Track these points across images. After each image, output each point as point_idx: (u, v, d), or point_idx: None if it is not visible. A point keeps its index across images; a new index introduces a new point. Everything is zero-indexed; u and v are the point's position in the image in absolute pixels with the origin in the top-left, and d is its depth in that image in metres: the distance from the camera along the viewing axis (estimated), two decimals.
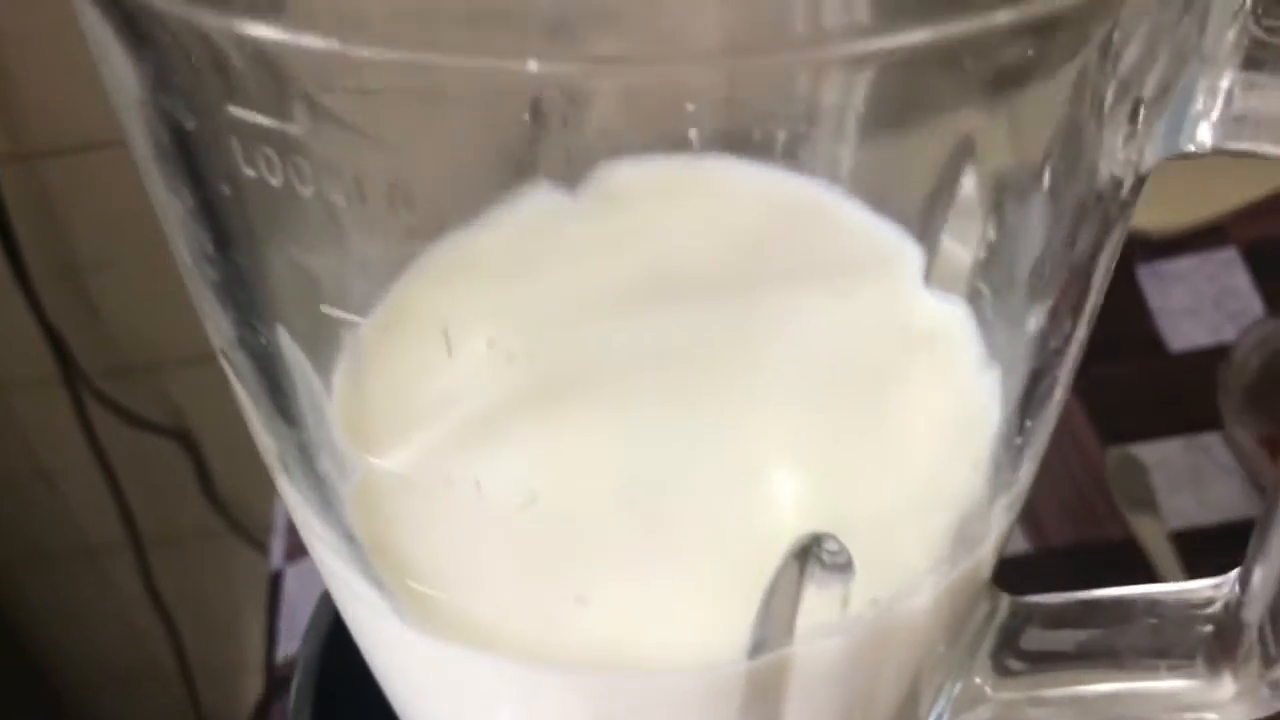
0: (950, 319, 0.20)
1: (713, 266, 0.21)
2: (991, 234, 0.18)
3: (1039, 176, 0.16)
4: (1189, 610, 0.22)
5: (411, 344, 0.19)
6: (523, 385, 0.19)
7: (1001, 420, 0.20)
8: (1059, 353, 0.19)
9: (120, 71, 0.15)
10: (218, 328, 0.19)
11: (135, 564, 0.83)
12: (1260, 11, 0.16)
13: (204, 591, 0.85)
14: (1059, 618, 0.23)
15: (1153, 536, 0.42)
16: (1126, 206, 0.17)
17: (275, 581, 0.53)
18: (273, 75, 0.13)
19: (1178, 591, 0.22)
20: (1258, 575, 0.20)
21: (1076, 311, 0.18)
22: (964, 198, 0.19)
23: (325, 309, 0.16)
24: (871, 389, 0.20)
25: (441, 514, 0.20)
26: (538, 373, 0.19)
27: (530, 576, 0.19)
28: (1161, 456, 0.49)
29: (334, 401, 0.20)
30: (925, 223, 0.20)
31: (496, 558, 0.20)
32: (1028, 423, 0.20)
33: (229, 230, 0.16)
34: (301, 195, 0.14)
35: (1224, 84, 0.16)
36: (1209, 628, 0.21)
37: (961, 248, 0.20)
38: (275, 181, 0.14)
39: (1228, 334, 0.52)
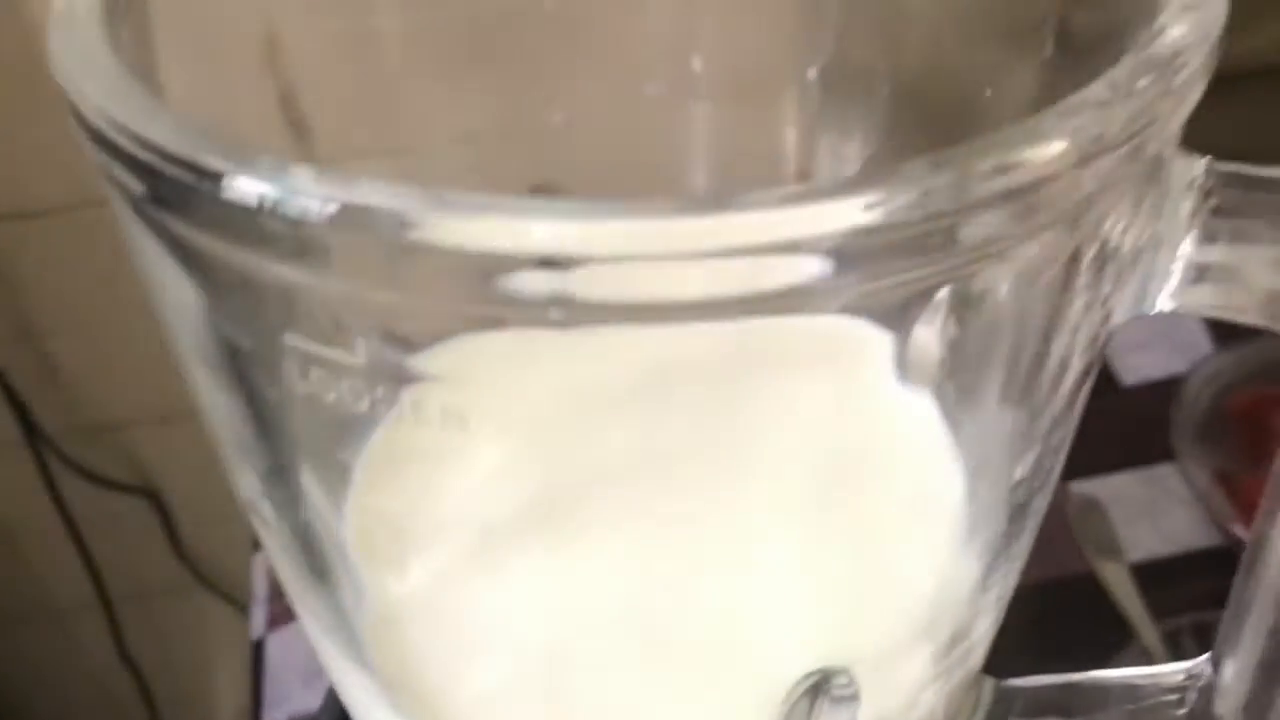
0: (927, 416, 0.22)
1: (697, 370, 0.22)
2: (953, 330, 0.20)
3: (1007, 326, 0.18)
4: (1164, 696, 0.23)
5: (415, 469, 0.20)
6: (526, 508, 0.20)
7: (990, 521, 0.21)
8: (1036, 475, 0.20)
9: (174, 293, 0.16)
10: (245, 483, 0.20)
11: (105, 625, 0.83)
12: (1213, 185, 0.17)
13: (176, 650, 0.85)
14: (1040, 704, 0.24)
15: (1117, 580, 0.44)
16: (1095, 354, 0.18)
17: (258, 650, 0.54)
18: (331, 311, 0.14)
19: (1153, 675, 0.24)
20: (1229, 669, 0.21)
21: (1048, 439, 0.20)
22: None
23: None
24: (862, 493, 0.22)
25: (450, 641, 0.21)
26: (540, 494, 0.20)
27: (535, 705, 0.20)
28: (1118, 490, 0.51)
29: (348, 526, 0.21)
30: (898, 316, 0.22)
31: (505, 685, 0.21)
32: (1012, 524, 0.21)
33: (271, 425, 0.17)
34: (356, 411, 0.15)
35: (1182, 253, 0.17)
36: (1182, 712, 0.23)
37: (935, 341, 0.21)
38: (330, 398, 0.15)
39: (1178, 366, 0.53)
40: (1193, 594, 0.46)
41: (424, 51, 0.26)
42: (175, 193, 0.14)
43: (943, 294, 0.15)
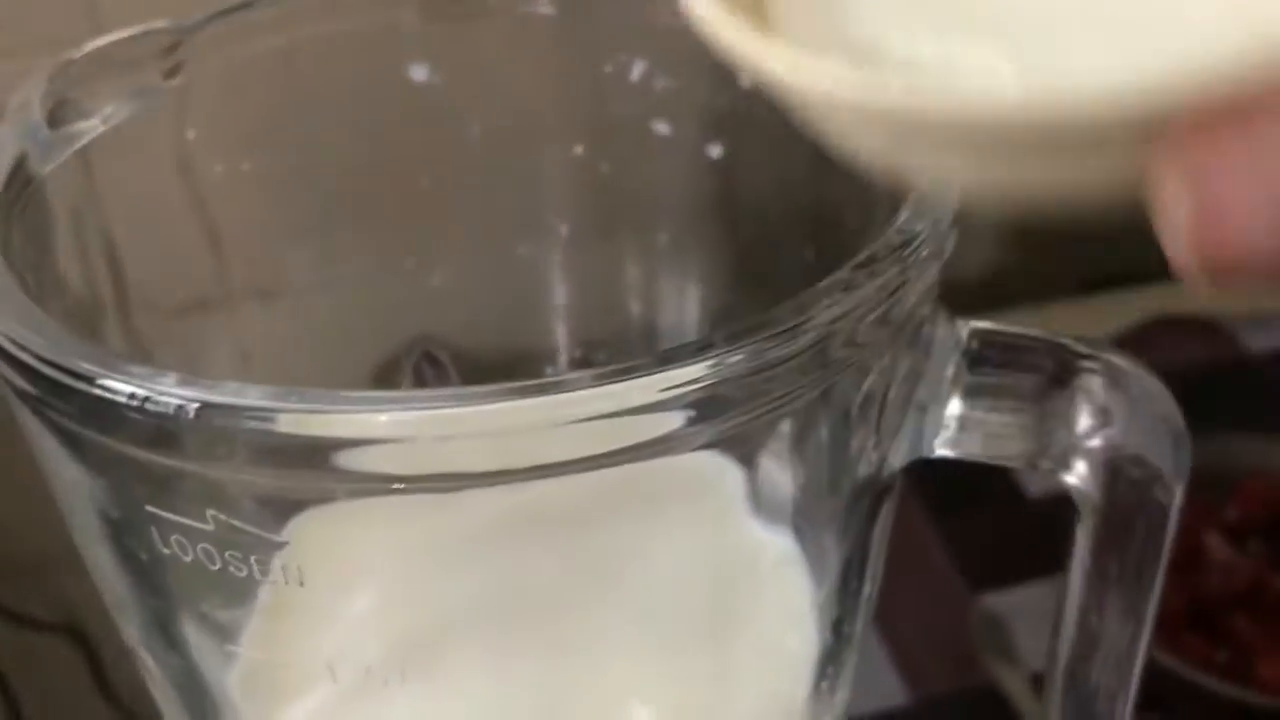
0: (778, 548, 0.24)
1: (554, 515, 0.24)
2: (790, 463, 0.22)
3: (803, 462, 0.20)
4: None
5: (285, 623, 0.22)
6: (387, 653, 0.22)
7: (825, 646, 0.23)
8: (855, 595, 0.23)
9: (53, 462, 0.18)
10: (128, 633, 0.22)
11: None
12: (976, 346, 0.20)
13: None
14: None
15: (1013, 682, 0.46)
16: (886, 492, 0.21)
17: None
18: (183, 487, 0.16)
19: None
20: None
21: (861, 564, 0.22)
22: None
23: (229, 647, 0.19)
24: (716, 623, 0.24)
25: None
26: (400, 640, 0.22)
27: None
28: (1025, 601, 0.52)
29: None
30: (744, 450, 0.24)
31: None
32: (843, 652, 0.24)
33: (147, 583, 0.19)
34: (209, 569, 0.17)
35: (949, 410, 0.20)
36: None
37: (780, 474, 0.23)
38: (187, 559, 0.17)
39: None
40: None
41: (305, 208, 0.29)
42: (55, 391, 0.16)
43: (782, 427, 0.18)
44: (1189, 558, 0.46)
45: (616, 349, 0.30)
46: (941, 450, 0.21)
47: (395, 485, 0.16)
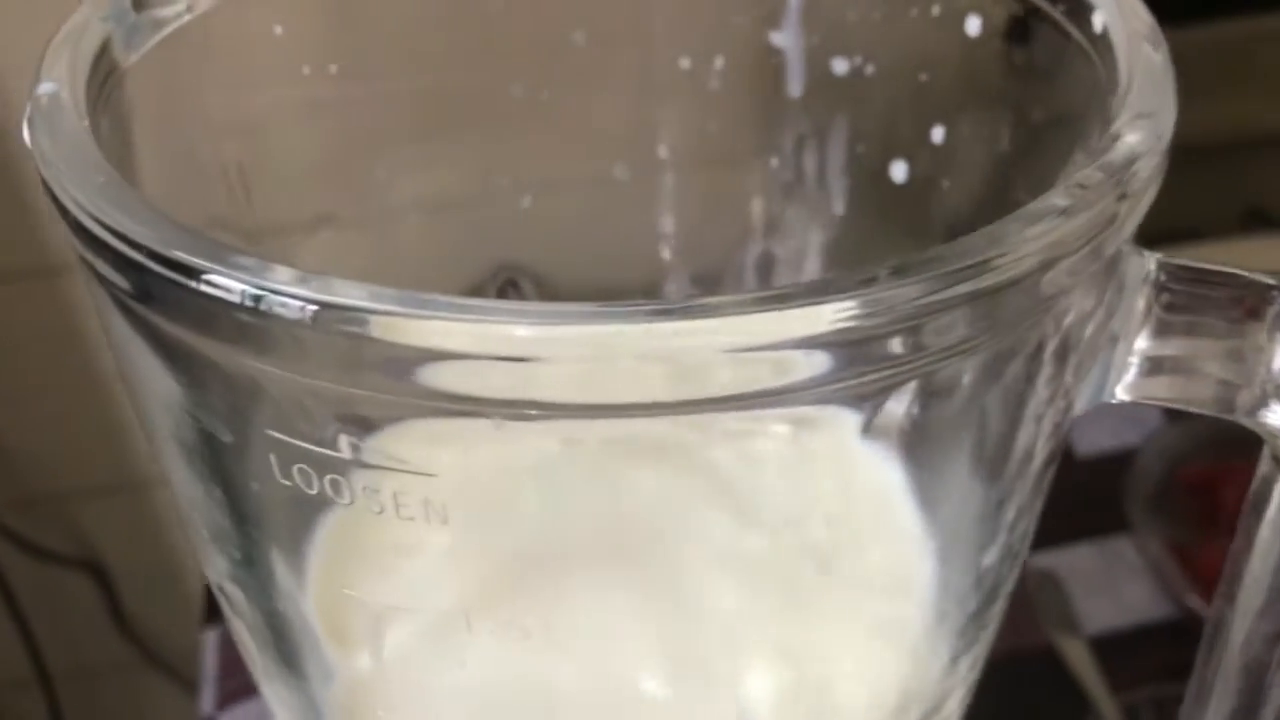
0: (898, 492, 0.22)
1: (660, 446, 0.22)
2: (920, 415, 0.20)
3: (973, 415, 0.18)
4: None
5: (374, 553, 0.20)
6: (484, 586, 0.20)
7: (960, 606, 0.21)
8: (1004, 560, 0.21)
9: (151, 380, 0.16)
10: (214, 567, 0.20)
11: (44, 703, 0.81)
12: (1164, 280, 0.18)
13: None
14: None
15: (1075, 654, 0.45)
16: (1059, 443, 0.19)
17: None
18: (314, 408, 0.14)
19: None
20: None
21: (1015, 525, 0.20)
22: None
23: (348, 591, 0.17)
24: (831, 567, 0.22)
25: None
26: (508, 562, 0.20)
27: None
28: (1074, 562, 0.51)
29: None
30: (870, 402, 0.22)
31: None
32: (981, 608, 0.22)
33: (250, 515, 0.17)
34: (338, 503, 0.15)
35: (1138, 347, 0.18)
36: None
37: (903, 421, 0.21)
38: (311, 491, 0.15)
39: (1131, 438, 0.54)
40: (1150, 667, 0.47)
41: (389, 120, 0.26)
42: (160, 289, 0.14)
43: (910, 385, 0.16)
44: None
45: (722, 292, 0.28)
46: (1123, 395, 0.18)
47: (532, 412, 0.14)
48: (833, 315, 0.13)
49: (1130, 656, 0.47)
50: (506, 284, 0.28)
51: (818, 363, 0.14)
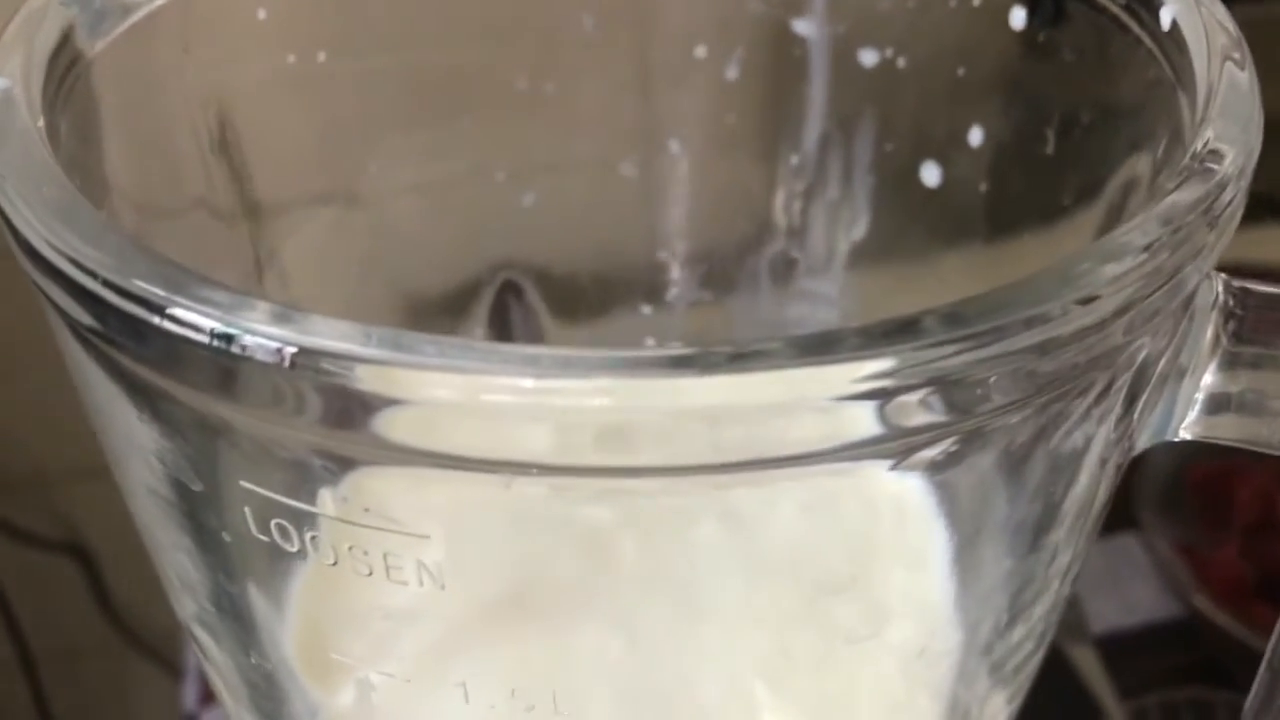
0: (934, 537, 0.20)
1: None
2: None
3: (1026, 465, 0.17)
4: None
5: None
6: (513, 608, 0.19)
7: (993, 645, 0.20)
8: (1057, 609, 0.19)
9: (112, 415, 0.14)
10: (181, 606, 0.18)
11: (27, 686, 0.79)
12: (1231, 306, 0.16)
13: (100, 710, 0.82)
14: None
15: (1084, 661, 0.44)
16: (1114, 479, 0.17)
17: None
18: (292, 459, 0.13)
19: None
20: None
21: (1064, 577, 0.18)
22: None
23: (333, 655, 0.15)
24: (852, 584, 0.20)
25: None
26: (511, 627, 0.19)
27: None
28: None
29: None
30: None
31: None
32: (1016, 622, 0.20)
33: (224, 567, 0.15)
34: (321, 563, 0.13)
35: (1204, 383, 0.16)
36: None
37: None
38: (290, 548, 0.13)
39: None
40: (1158, 669, 0.46)
41: (382, 106, 0.25)
42: (118, 323, 0.12)
43: (962, 438, 0.14)
44: (1261, 524, 0.44)
45: (734, 295, 0.26)
46: (1186, 434, 0.17)
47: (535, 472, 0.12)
48: (880, 369, 0.12)
49: (1136, 658, 0.46)
50: (506, 284, 0.27)
51: (864, 421, 0.12)
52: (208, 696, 0.52)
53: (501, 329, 0.26)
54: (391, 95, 0.24)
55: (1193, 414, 0.17)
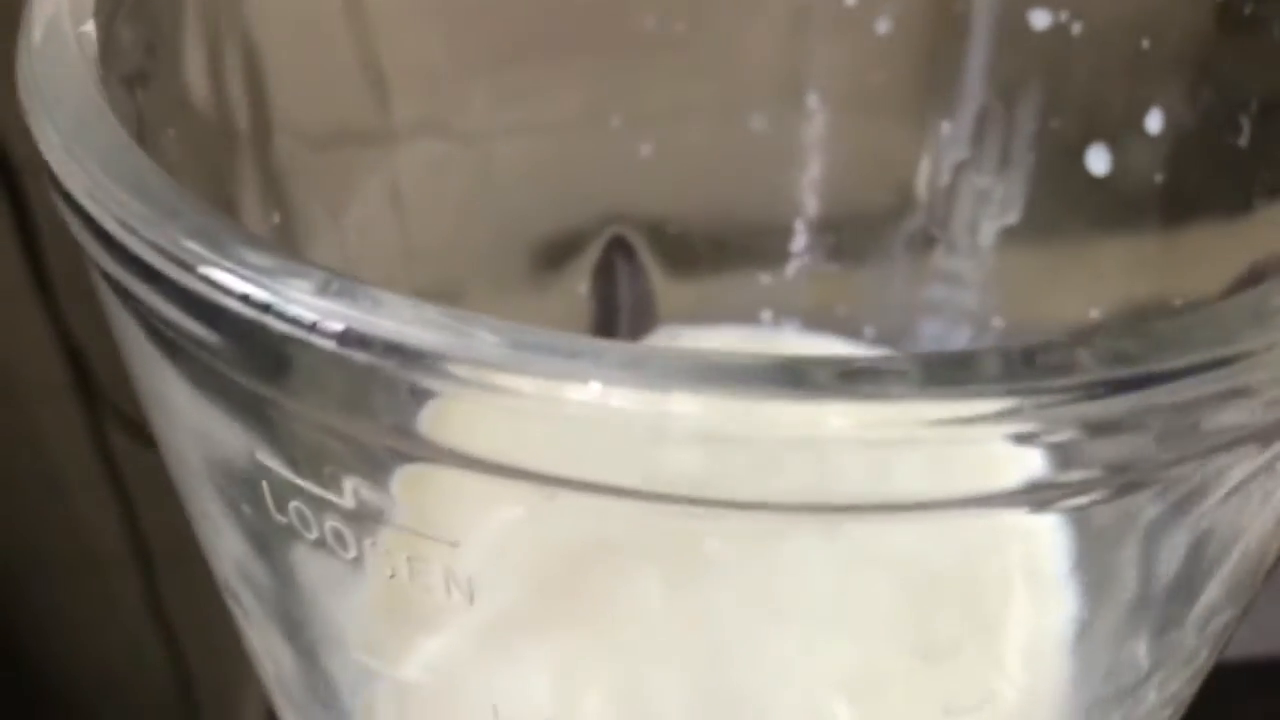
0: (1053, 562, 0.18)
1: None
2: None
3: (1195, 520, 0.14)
4: None
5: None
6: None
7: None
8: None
9: (148, 375, 0.13)
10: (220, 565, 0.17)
11: (141, 580, 0.81)
12: None
13: (208, 611, 0.84)
14: None
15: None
16: None
17: None
18: (324, 447, 0.11)
19: None
20: None
21: (1224, 628, 0.16)
22: None
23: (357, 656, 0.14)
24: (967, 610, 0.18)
25: None
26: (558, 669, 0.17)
27: None
28: None
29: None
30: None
31: None
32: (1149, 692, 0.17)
33: (251, 545, 0.14)
34: (341, 558, 0.12)
35: None
36: None
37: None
38: (310, 536, 0.12)
39: None
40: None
41: (501, 34, 0.23)
42: (148, 280, 0.11)
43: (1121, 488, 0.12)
44: None
45: (862, 270, 0.24)
46: None
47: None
48: (1020, 406, 0.09)
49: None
50: (614, 239, 0.25)
51: (1004, 467, 0.10)
52: None
53: (606, 286, 0.25)
54: (503, 27, 0.22)
55: None
